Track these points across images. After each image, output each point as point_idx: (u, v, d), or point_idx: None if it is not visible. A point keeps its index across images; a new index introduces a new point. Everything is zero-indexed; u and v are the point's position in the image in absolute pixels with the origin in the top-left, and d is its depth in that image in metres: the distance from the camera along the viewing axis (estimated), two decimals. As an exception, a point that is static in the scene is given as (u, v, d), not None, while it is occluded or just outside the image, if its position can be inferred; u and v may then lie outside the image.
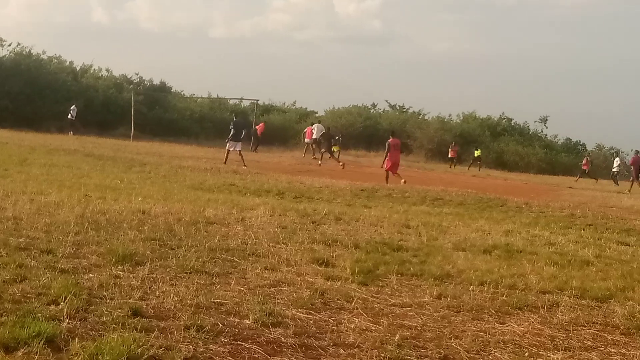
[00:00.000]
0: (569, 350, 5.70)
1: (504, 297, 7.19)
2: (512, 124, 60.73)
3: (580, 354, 5.65)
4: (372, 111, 65.12)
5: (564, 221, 15.84)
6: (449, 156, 47.72)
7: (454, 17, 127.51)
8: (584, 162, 42.77)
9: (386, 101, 68.54)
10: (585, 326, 6.46)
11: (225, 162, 26.94)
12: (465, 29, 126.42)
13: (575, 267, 9.33)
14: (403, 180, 23.88)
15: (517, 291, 7.56)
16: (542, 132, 60.92)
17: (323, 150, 35.66)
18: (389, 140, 25.50)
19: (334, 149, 37.20)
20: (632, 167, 35.97)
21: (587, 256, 10.29)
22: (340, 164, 32.76)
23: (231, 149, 27.92)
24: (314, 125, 39.70)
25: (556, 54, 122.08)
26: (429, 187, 22.51)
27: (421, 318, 6.25)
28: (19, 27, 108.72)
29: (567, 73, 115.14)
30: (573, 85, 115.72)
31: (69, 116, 42.14)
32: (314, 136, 38.64)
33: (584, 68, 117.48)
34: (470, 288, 7.48)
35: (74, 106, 42.22)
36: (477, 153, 48.60)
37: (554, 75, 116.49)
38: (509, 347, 5.65)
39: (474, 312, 6.60)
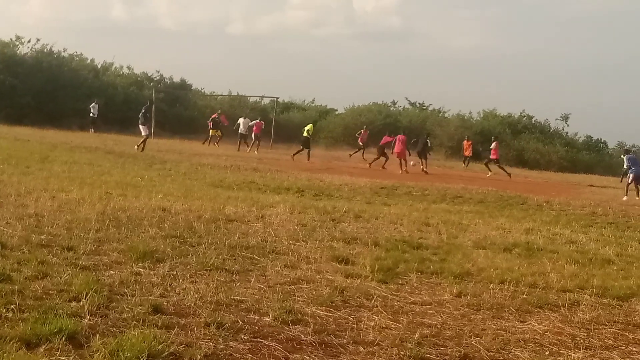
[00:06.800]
0: (590, 349, 5.67)
1: (524, 296, 7.17)
2: (533, 122, 60.09)
3: (602, 352, 5.62)
4: (392, 109, 64.59)
5: (585, 219, 15.77)
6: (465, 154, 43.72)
7: (474, 13, 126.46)
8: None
9: (406, 98, 67.70)
10: (606, 325, 6.43)
11: (142, 149, 27.40)
12: (486, 26, 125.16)
13: (596, 265, 9.30)
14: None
15: (538, 290, 7.55)
16: (563, 130, 60.34)
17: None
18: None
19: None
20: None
21: (608, 255, 10.25)
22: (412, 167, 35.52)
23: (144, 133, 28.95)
24: (241, 120, 37.59)
25: (578, 51, 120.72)
26: (449, 184, 22.46)
27: (441, 316, 6.24)
28: (39, 24, 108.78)
29: (589, 70, 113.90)
30: (595, 82, 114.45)
31: (91, 114, 42.25)
32: (240, 130, 36.85)
33: (606, 64, 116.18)
34: (491, 286, 7.46)
35: (94, 103, 42.30)
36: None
37: (576, 72, 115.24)
38: (529, 345, 5.63)
39: (494, 310, 6.58)
